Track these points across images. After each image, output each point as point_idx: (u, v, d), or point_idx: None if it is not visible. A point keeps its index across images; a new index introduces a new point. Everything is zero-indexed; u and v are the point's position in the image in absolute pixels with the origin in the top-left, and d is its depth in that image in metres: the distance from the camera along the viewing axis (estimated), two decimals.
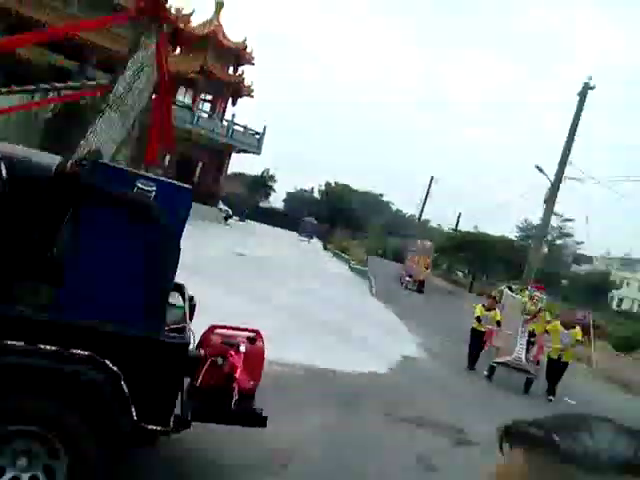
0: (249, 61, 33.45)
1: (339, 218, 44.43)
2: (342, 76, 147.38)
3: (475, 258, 37.16)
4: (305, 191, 70.59)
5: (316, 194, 52.52)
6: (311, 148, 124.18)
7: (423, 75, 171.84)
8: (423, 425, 6.20)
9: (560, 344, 9.34)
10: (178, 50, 31.61)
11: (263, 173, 42.83)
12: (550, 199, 19.97)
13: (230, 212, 36.27)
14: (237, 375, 3.32)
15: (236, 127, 32.13)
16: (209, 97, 33.74)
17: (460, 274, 48.80)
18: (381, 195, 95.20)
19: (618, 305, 65.58)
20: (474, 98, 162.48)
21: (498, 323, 9.83)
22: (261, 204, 57.26)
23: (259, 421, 3.48)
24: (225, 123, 31.94)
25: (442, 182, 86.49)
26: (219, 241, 20.34)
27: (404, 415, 6.35)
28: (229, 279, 11.95)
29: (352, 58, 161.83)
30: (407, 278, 26.22)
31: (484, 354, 10.16)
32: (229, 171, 44.77)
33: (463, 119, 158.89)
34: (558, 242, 70.28)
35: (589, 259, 77.79)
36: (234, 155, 34.86)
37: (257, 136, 32.78)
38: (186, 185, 3.32)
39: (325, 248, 34.69)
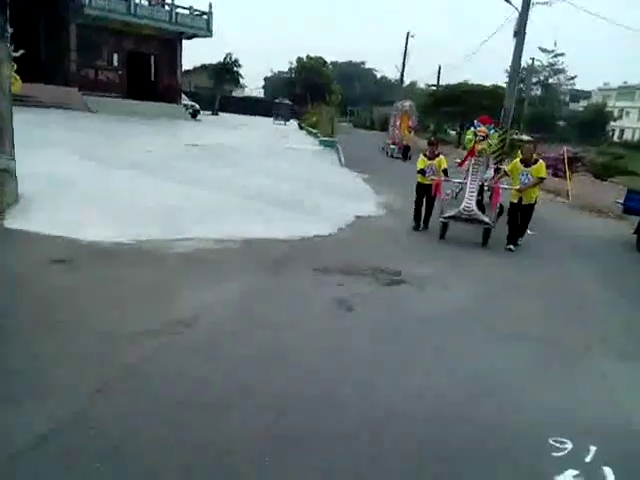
0: None
1: (316, 94, 42.26)
2: None
3: (461, 112, 35.51)
4: (283, 73, 67.02)
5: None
6: (277, 27, 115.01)
7: None
8: (352, 274, 6.07)
9: (519, 184, 8.16)
10: None
11: (225, 58, 40.10)
12: (520, 30, 18.42)
13: (197, 107, 34.67)
14: None
15: (179, 10, 29.49)
16: None
17: (453, 133, 46.99)
18: (362, 63, 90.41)
19: (620, 137, 64.53)
20: None
21: (445, 172, 8.64)
22: (235, 94, 54.68)
23: None
24: (167, 7, 29.23)
25: (420, 39, 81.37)
26: (176, 136, 19.46)
27: (335, 267, 6.20)
28: (171, 169, 11.47)
29: None
30: (391, 146, 24.91)
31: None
32: (191, 65, 42.03)
33: None
34: (551, 81, 67.45)
35: (587, 94, 75.00)
36: (189, 44, 32.42)
37: (205, 16, 30.16)
38: None
39: (301, 128, 33.46)
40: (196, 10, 30.08)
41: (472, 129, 8.91)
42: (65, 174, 9.21)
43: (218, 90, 41.45)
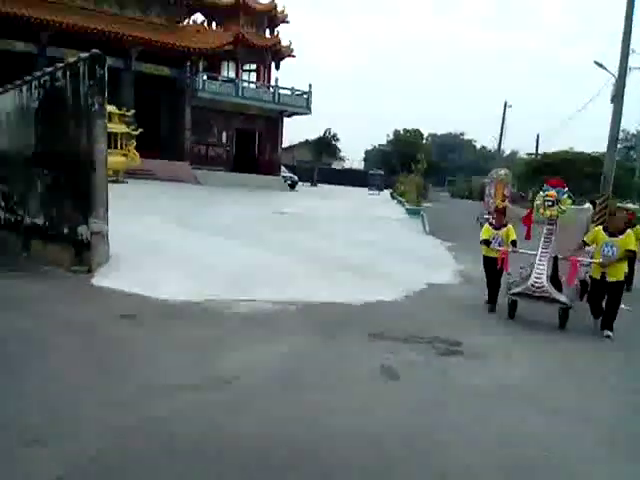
0: (283, 20, 33.01)
1: (410, 165, 42.81)
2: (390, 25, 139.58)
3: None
4: (382, 146, 69.34)
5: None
6: (375, 101, 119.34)
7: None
8: (409, 341, 5.88)
9: (602, 258, 6.91)
10: (207, 23, 31.90)
11: (325, 133, 42.46)
12: (617, 96, 17.69)
13: (296, 178, 36.71)
14: None
15: (282, 91, 32.17)
16: (253, 66, 33.89)
17: None
18: (462, 134, 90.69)
19: None
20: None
21: (513, 243, 7.71)
22: (335, 166, 57.09)
23: None
24: (271, 89, 31.97)
25: (518, 107, 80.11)
26: (268, 205, 20.57)
27: (391, 334, 6.05)
28: (253, 233, 12.08)
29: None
30: (485, 215, 24.33)
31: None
32: (294, 139, 44.88)
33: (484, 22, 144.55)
34: None
35: None
36: (291, 122, 34.94)
37: (305, 96, 32.52)
38: None
39: (392, 197, 33.88)
40: (297, 90, 32.57)
41: (541, 194, 7.45)
42: (156, 238, 10.09)
43: (317, 163, 43.63)
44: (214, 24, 32.73)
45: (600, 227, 7.32)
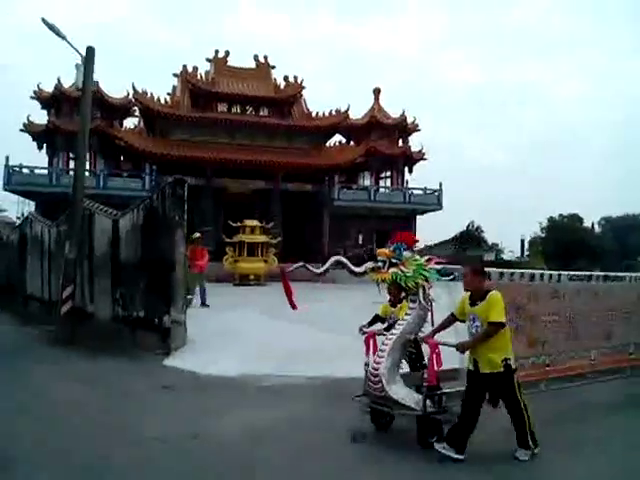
0: (414, 129, 35.13)
1: (570, 254, 39.61)
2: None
3: None
4: (539, 233, 65.45)
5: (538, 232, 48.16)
6: (521, 189, 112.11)
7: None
8: None
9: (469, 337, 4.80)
10: (345, 141, 35.34)
11: (468, 226, 42.10)
12: None
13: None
14: None
15: (415, 191, 33.48)
16: (388, 173, 36.13)
17: None
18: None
19: None
20: None
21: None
22: (486, 258, 55.03)
23: None
24: (402, 191, 33.61)
25: None
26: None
27: None
28: (333, 320, 12.60)
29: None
30: None
31: None
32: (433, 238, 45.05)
33: None
34: None
35: None
36: (427, 220, 35.80)
37: (436, 193, 33.39)
38: None
39: None
40: (429, 189, 33.74)
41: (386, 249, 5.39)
42: (236, 325, 11.42)
43: (462, 256, 42.85)
44: (351, 142, 36.17)
45: (468, 293, 4.89)
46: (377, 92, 35.98)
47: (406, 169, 35.57)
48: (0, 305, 17.60)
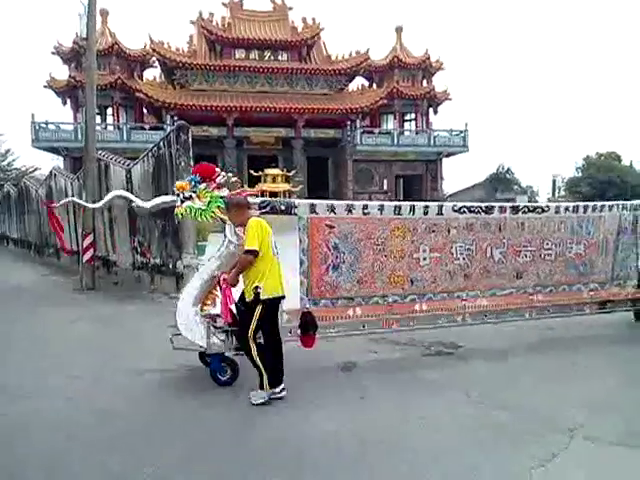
0: (439, 68, 33.78)
1: (607, 193, 38.18)
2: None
3: None
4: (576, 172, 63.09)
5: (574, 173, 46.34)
6: (555, 127, 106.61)
7: None
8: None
9: None
10: (367, 83, 34.40)
11: (498, 169, 40.94)
12: None
13: None
14: None
15: (440, 133, 32.55)
16: (412, 116, 35.15)
17: None
18: None
19: None
20: None
21: None
22: (519, 200, 53.76)
23: None
24: (426, 133, 32.74)
25: None
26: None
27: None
28: None
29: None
30: None
31: None
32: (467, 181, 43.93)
33: None
34: None
35: None
36: (457, 162, 34.91)
37: (462, 134, 32.38)
38: None
39: None
40: (454, 130, 32.70)
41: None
42: None
43: (491, 199, 41.99)
44: (374, 85, 35.16)
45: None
46: (399, 30, 34.50)
47: (431, 110, 34.50)
48: (34, 258, 18.50)
